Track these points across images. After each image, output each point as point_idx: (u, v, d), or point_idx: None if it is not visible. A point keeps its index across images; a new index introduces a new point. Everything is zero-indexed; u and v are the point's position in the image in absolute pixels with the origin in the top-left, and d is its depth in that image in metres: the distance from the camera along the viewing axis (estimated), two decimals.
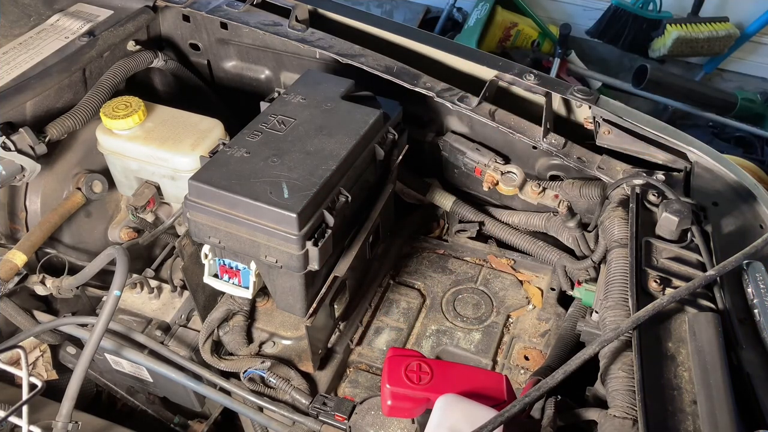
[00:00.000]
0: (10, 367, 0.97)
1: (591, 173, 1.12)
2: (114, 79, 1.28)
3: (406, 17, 3.54)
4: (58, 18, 1.35)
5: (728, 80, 3.22)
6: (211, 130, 1.21)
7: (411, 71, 1.21)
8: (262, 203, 0.86)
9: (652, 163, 1.13)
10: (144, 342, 1.03)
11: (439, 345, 1.10)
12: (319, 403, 0.94)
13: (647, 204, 1.01)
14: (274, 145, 0.95)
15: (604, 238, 1.03)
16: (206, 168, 0.92)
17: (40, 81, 1.17)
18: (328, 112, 1.03)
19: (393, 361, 0.79)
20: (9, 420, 0.88)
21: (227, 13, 1.35)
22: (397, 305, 1.16)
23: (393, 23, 1.36)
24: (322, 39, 1.28)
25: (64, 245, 1.23)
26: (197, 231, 0.93)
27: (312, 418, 0.94)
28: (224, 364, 1.01)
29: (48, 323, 1.03)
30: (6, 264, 1.05)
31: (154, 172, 1.21)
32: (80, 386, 0.89)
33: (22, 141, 1.10)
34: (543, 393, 0.69)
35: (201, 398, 1.15)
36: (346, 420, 0.90)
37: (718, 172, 1.08)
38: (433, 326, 1.13)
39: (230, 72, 1.48)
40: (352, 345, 1.09)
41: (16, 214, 1.20)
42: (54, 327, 1.02)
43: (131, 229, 1.29)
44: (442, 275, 1.22)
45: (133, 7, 1.38)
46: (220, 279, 0.99)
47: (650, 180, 1.02)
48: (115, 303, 0.91)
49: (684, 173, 1.09)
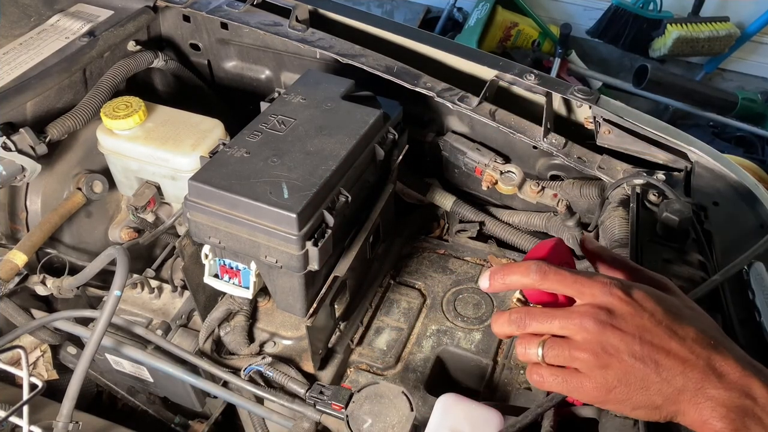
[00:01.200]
0: (11, 368, 0.97)
1: (591, 173, 1.12)
2: (114, 80, 1.28)
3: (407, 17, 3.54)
4: (59, 18, 1.35)
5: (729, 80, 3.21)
6: (211, 130, 1.21)
7: (411, 71, 1.21)
8: (262, 203, 0.86)
9: (653, 163, 1.13)
10: (143, 334, 1.03)
11: (440, 345, 1.10)
12: (316, 392, 0.94)
13: (648, 204, 1.01)
14: (274, 145, 0.95)
15: (604, 238, 1.02)
16: (206, 168, 0.92)
17: (40, 81, 1.17)
18: (328, 112, 1.03)
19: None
20: (9, 420, 0.88)
21: (227, 14, 1.35)
22: (397, 305, 1.16)
23: (393, 23, 1.36)
24: (322, 39, 1.28)
25: (65, 245, 1.23)
26: (197, 231, 0.93)
27: (311, 408, 0.94)
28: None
29: (44, 318, 1.02)
30: (6, 264, 1.05)
31: (155, 172, 1.21)
32: (81, 386, 0.89)
33: (23, 141, 1.10)
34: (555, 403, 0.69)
35: (201, 398, 1.15)
36: (343, 409, 0.90)
37: (719, 172, 1.08)
38: (434, 326, 1.12)
39: (230, 72, 1.48)
40: (352, 345, 1.09)
41: (16, 215, 1.20)
42: (51, 321, 1.02)
43: (132, 230, 1.29)
44: (442, 275, 1.22)
45: (133, 7, 1.38)
46: (221, 279, 0.99)
47: (651, 180, 1.02)
48: (115, 303, 0.91)
49: (684, 173, 1.09)
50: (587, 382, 0.59)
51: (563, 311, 0.62)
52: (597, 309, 0.60)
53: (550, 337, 0.62)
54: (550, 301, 0.66)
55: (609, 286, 0.61)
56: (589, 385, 0.59)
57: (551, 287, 0.63)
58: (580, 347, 0.59)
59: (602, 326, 0.59)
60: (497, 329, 0.66)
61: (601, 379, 0.59)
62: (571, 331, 0.60)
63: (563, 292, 0.63)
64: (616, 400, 0.59)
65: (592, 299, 0.61)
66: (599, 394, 0.59)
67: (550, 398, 0.69)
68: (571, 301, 0.64)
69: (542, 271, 0.62)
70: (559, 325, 0.61)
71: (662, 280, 0.67)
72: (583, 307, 0.61)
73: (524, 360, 0.64)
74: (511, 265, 0.65)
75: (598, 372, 0.59)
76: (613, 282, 0.61)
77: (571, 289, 0.62)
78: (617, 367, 0.58)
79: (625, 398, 0.59)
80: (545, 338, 0.62)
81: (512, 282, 0.64)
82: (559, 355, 0.61)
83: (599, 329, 0.59)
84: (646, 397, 0.58)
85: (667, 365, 0.58)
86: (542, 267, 0.63)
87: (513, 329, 0.64)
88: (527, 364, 0.64)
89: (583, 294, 0.61)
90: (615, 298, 0.60)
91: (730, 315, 0.85)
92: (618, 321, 0.59)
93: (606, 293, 0.60)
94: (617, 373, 0.58)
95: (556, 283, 0.62)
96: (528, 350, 0.63)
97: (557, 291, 0.63)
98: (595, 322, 0.59)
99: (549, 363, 0.62)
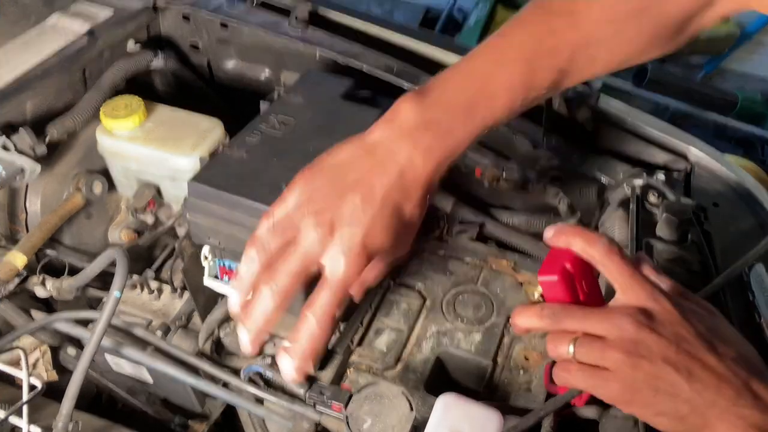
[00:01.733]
0: (11, 368, 0.97)
1: (591, 174, 1.12)
2: (114, 79, 1.28)
3: (407, 17, 3.54)
4: (58, 18, 1.35)
5: (729, 80, 3.21)
6: (211, 130, 1.21)
7: (411, 71, 1.21)
8: (262, 204, 0.85)
9: (653, 163, 1.13)
10: (142, 336, 1.03)
11: (440, 346, 1.10)
12: (315, 392, 0.94)
13: (647, 204, 1.01)
14: (274, 145, 0.95)
15: None
16: (206, 169, 0.92)
17: (40, 81, 1.17)
18: (328, 112, 1.03)
19: None
20: (9, 420, 0.88)
21: (227, 13, 1.35)
22: (397, 306, 1.16)
23: (393, 23, 1.36)
24: (322, 39, 1.28)
25: (64, 246, 1.23)
26: (197, 232, 0.93)
27: (311, 408, 0.94)
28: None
29: (43, 319, 1.02)
30: (6, 265, 1.05)
31: (155, 173, 1.21)
32: (80, 386, 0.89)
33: (22, 141, 1.09)
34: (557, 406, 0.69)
35: (201, 398, 1.14)
36: (343, 409, 0.90)
37: (719, 173, 1.08)
38: (434, 327, 1.12)
39: (230, 72, 1.48)
40: (352, 346, 1.09)
41: (16, 215, 1.20)
42: (51, 322, 1.02)
43: (131, 230, 1.29)
44: (442, 276, 1.21)
45: (133, 7, 1.38)
46: (221, 280, 0.99)
47: (650, 180, 1.02)
48: (115, 304, 0.91)
49: (684, 173, 1.09)
50: (614, 381, 0.58)
51: (602, 310, 0.61)
52: (637, 311, 0.59)
53: (583, 334, 0.60)
54: (567, 301, 0.64)
55: (656, 293, 0.60)
56: (616, 384, 0.58)
57: (608, 265, 0.61)
58: (613, 346, 0.58)
59: (639, 327, 0.58)
60: (522, 322, 0.64)
61: (629, 379, 0.57)
62: (607, 329, 0.59)
63: (614, 279, 0.61)
64: (641, 403, 0.58)
65: (636, 300, 0.60)
66: (624, 394, 0.58)
67: (552, 402, 0.69)
68: (588, 302, 0.63)
69: (610, 248, 0.61)
70: (596, 324, 0.60)
71: (709, 305, 0.66)
72: (623, 308, 0.60)
73: (554, 356, 0.62)
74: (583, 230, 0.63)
75: (627, 371, 0.57)
76: (662, 291, 0.60)
77: (624, 280, 0.61)
78: (647, 369, 0.57)
79: (650, 402, 0.57)
80: (578, 335, 0.61)
81: (575, 244, 0.62)
82: (590, 353, 0.59)
83: (636, 329, 0.58)
84: (672, 405, 0.57)
85: (701, 377, 0.56)
86: (612, 245, 0.61)
87: (544, 324, 0.63)
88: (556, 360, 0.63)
89: (631, 289, 0.60)
90: (658, 305, 0.59)
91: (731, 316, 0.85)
92: (657, 325, 0.58)
93: (651, 298, 0.59)
94: (646, 375, 0.57)
95: (615, 264, 0.61)
96: (559, 347, 0.62)
97: (609, 272, 0.61)
98: (633, 323, 0.58)
99: (579, 361, 0.60)
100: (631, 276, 0.60)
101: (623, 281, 0.60)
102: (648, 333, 0.57)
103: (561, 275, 0.63)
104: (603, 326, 0.59)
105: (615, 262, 0.60)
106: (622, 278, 0.61)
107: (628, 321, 0.58)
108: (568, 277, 0.63)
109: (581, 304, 0.63)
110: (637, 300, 0.59)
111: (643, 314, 0.58)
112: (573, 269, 0.64)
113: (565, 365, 0.61)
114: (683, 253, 0.92)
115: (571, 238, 0.63)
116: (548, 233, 0.65)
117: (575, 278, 0.64)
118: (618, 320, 0.58)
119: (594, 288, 0.66)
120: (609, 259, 0.61)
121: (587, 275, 0.65)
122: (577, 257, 0.64)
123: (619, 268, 0.60)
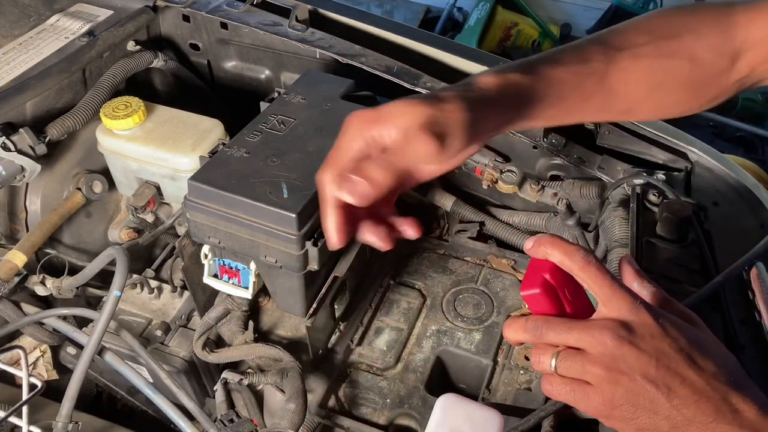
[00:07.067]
0: (11, 368, 0.97)
1: (591, 173, 1.12)
2: (114, 79, 1.28)
3: (406, 17, 3.54)
4: (58, 18, 1.35)
5: None
6: (211, 130, 1.21)
7: (411, 71, 1.21)
8: (262, 203, 0.86)
9: (653, 162, 1.13)
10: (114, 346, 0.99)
11: (440, 345, 1.10)
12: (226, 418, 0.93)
13: (648, 204, 1.01)
14: (274, 145, 0.95)
15: (604, 239, 1.03)
16: (206, 168, 0.92)
17: (40, 81, 1.17)
18: (328, 112, 1.03)
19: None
20: (9, 420, 0.88)
21: (227, 13, 1.35)
22: (397, 305, 1.16)
23: (393, 23, 1.36)
24: (322, 39, 1.28)
25: (64, 245, 1.23)
26: (197, 231, 0.93)
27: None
28: (213, 357, 1.00)
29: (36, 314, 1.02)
30: (6, 264, 1.05)
31: (155, 173, 1.21)
32: (80, 386, 0.89)
33: (22, 141, 1.10)
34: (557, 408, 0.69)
35: (201, 398, 1.14)
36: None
37: (719, 172, 1.08)
38: (434, 326, 1.12)
39: (230, 72, 1.48)
40: (352, 345, 1.09)
41: (16, 215, 1.20)
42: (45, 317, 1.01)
43: (131, 230, 1.29)
44: (442, 275, 1.22)
45: (133, 7, 1.38)
46: (220, 279, 0.99)
47: (651, 180, 1.02)
48: (115, 303, 0.91)
49: (684, 173, 1.09)
50: (594, 396, 0.58)
51: (582, 323, 0.60)
52: (618, 324, 0.58)
53: (566, 348, 0.61)
54: (552, 313, 0.64)
55: (637, 304, 0.59)
56: (596, 399, 0.58)
57: (585, 278, 0.61)
58: (593, 360, 0.58)
59: (620, 342, 0.57)
60: (511, 335, 0.64)
61: (608, 394, 0.57)
62: (587, 343, 0.59)
63: (593, 291, 0.61)
64: (621, 418, 0.58)
65: (617, 312, 0.59)
66: (604, 409, 0.58)
67: (552, 402, 0.69)
68: (575, 314, 0.63)
69: (587, 261, 0.61)
70: (577, 337, 0.60)
71: (691, 314, 0.65)
72: (603, 321, 0.59)
73: (537, 369, 0.62)
74: (562, 241, 0.63)
75: (607, 387, 0.58)
76: (643, 302, 0.60)
77: (603, 291, 0.60)
78: (627, 385, 0.57)
79: (630, 417, 0.58)
80: (560, 349, 0.61)
81: (553, 255, 0.62)
82: (571, 367, 0.60)
83: (616, 344, 0.57)
84: (652, 421, 0.57)
85: (680, 393, 0.56)
86: (589, 257, 0.61)
87: (528, 337, 0.63)
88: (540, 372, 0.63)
89: (611, 301, 0.60)
90: (639, 317, 0.59)
91: (731, 315, 0.85)
92: (637, 339, 0.58)
93: (632, 310, 0.59)
94: (626, 391, 0.57)
95: (593, 276, 0.61)
96: (542, 360, 0.62)
97: (588, 286, 0.61)
98: (613, 337, 0.58)
99: (561, 374, 0.61)
100: (611, 287, 0.60)
101: (603, 293, 0.61)
102: (628, 348, 0.57)
103: (542, 288, 0.63)
104: (584, 340, 0.59)
105: (593, 274, 0.60)
106: (601, 290, 0.61)
107: (609, 335, 0.58)
108: (549, 288, 0.63)
109: (567, 313, 0.64)
110: (618, 312, 0.59)
111: (624, 328, 0.58)
112: (554, 280, 0.64)
113: (549, 378, 0.62)
114: (683, 252, 0.92)
115: (550, 250, 0.63)
116: (528, 244, 0.65)
117: (557, 288, 0.64)
118: (598, 334, 0.59)
119: (579, 295, 0.66)
120: (586, 272, 0.61)
121: (570, 283, 0.65)
122: (557, 267, 0.64)
123: (597, 281, 0.61)
